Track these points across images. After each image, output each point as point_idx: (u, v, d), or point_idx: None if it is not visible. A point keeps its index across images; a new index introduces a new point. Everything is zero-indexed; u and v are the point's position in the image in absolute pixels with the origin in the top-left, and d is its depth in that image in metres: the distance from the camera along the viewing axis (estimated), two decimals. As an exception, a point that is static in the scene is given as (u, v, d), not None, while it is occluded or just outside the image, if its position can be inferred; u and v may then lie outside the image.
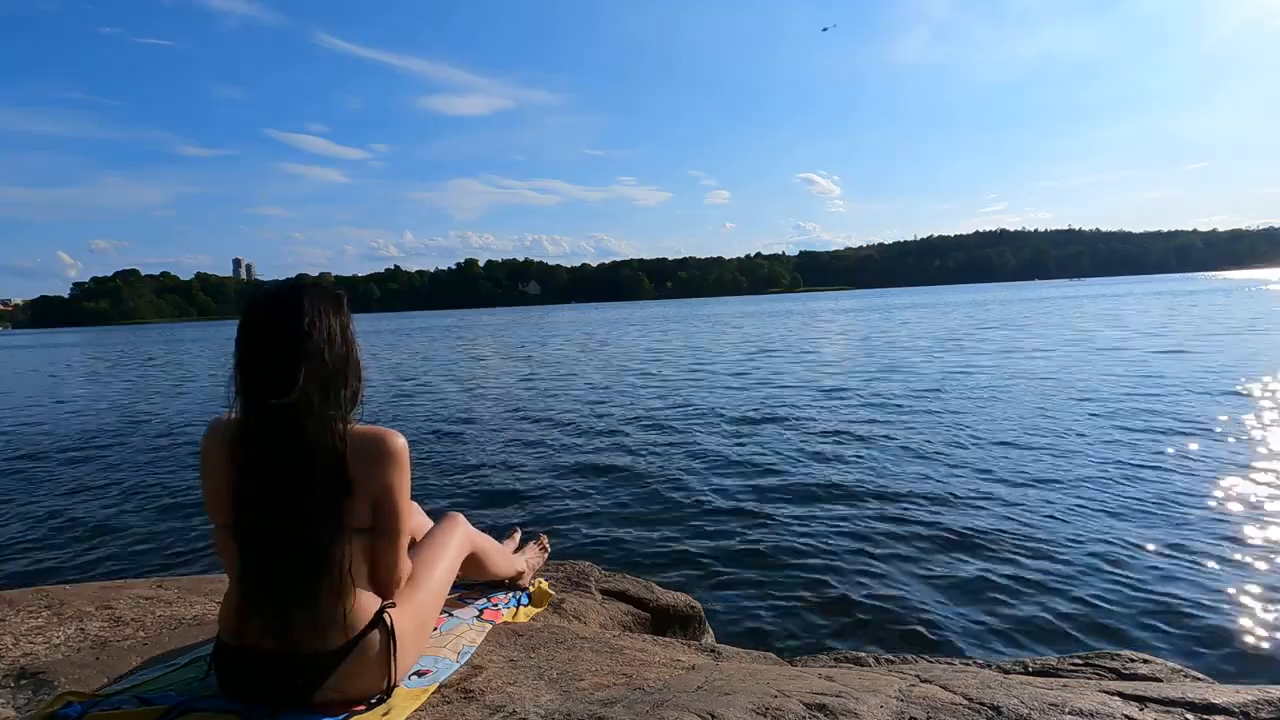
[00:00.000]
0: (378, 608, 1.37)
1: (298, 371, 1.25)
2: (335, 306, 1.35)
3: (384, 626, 1.36)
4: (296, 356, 1.26)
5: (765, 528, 4.88)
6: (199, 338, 54.90)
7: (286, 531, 1.26)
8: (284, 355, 1.27)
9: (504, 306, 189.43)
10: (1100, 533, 4.44)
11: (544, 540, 2.44)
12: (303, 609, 1.28)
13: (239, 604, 1.32)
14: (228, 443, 1.30)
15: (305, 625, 1.28)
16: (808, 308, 61.00)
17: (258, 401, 1.27)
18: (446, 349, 27.16)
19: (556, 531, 4.95)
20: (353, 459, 1.30)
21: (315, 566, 1.27)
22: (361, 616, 1.34)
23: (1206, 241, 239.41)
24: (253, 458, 1.27)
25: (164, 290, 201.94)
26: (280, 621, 1.28)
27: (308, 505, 1.26)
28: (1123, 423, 7.57)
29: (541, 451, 7.64)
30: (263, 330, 1.29)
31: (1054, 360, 13.73)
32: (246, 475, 1.27)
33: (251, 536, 1.28)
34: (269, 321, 1.30)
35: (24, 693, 1.43)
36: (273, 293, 1.34)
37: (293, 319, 1.28)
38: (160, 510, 5.90)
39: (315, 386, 1.27)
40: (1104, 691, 1.47)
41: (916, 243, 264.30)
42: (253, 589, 1.30)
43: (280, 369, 1.26)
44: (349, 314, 1.39)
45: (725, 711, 1.28)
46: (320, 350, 1.29)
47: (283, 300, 1.31)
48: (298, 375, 1.25)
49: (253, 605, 1.29)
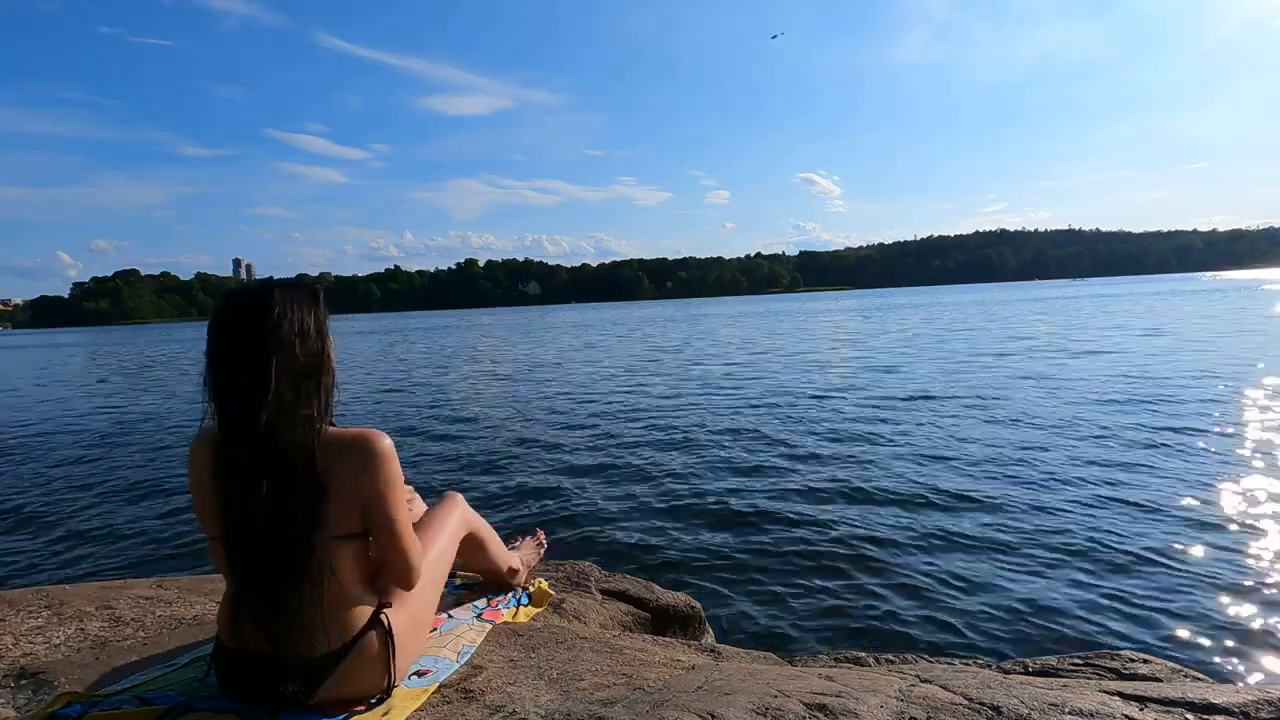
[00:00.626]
0: (374, 610, 1.37)
1: (269, 367, 1.23)
2: (309, 302, 1.32)
3: (381, 628, 1.36)
4: (267, 350, 1.24)
5: (765, 528, 4.87)
6: (199, 338, 54.75)
7: (267, 535, 1.24)
8: (254, 350, 1.24)
9: (504, 306, 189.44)
10: (1100, 533, 4.44)
11: (540, 537, 2.43)
12: (289, 612, 1.26)
13: (233, 606, 1.32)
14: (208, 449, 1.28)
15: (294, 629, 1.27)
16: (807, 307, 61.01)
17: (231, 401, 1.25)
18: (446, 349, 27.15)
19: (556, 532, 4.95)
20: (334, 461, 1.27)
21: (295, 568, 1.25)
22: (356, 620, 1.33)
23: (1206, 241, 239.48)
24: (231, 460, 1.25)
25: (164, 290, 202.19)
26: (271, 624, 1.27)
27: (286, 506, 1.24)
28: (1122, 423, 7.57)
29: (541, 451, 7.63)
30: (232, 326, 1.27)
31: (1054, 361, 13.72)
32: (227, 477, 1.25)
33: (236, 540, 1.27)
34: (238, 317, 1.27)
35: (24, 693, 1.43)
36: (243, 290, 1.31)
37: (262, 313, 1.26)
38: (161, 510, 5.89)
39: (287, 383, 1.25)
40: (1104, 691, 1.47)
41: (916, 243, 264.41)
42: (243, 593, 1.29)
43: (251, 365, 1.23)
44: (325, 311, 1.35)
45: (725, 711, 1.28)
46: (291, 344, 1.26)
47: (252, 296, 1.29)
48: (269, 371, 1.23)
49: (244, 608, 1.29)
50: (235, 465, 1.25)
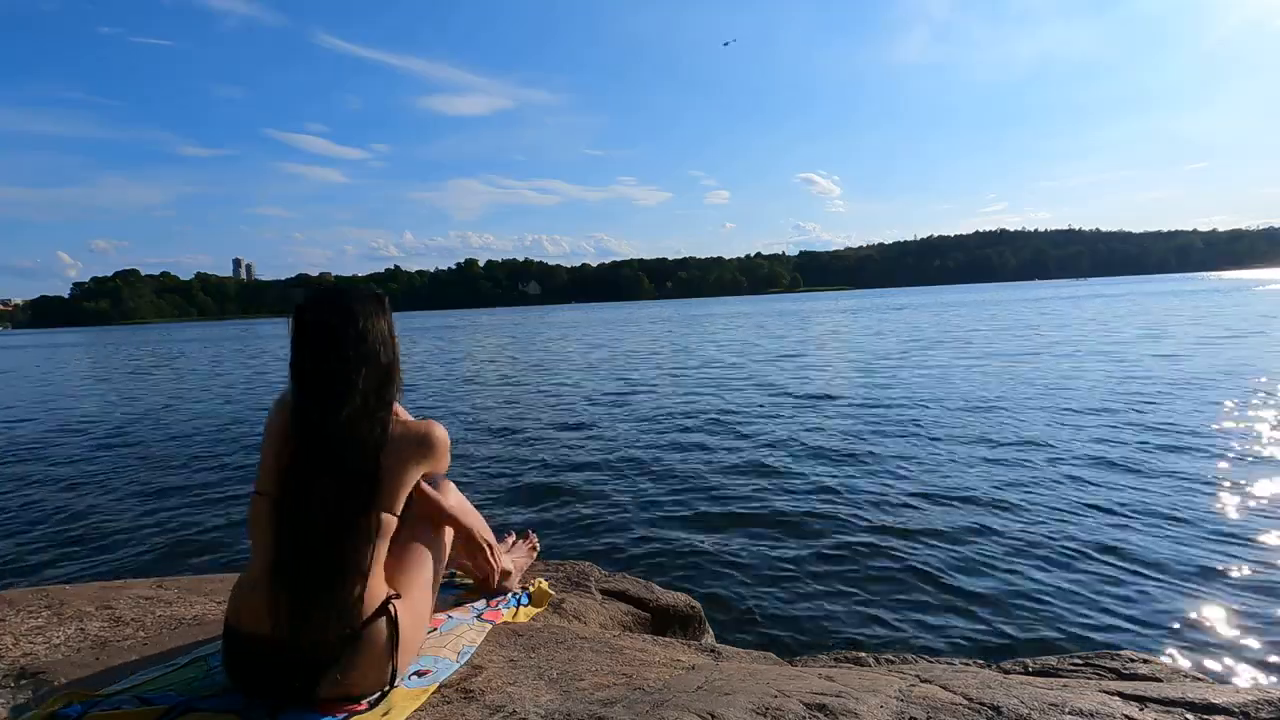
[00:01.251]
0: (385, 597, 1.39)
1: (356, 376, 1.36)
2: (383, 311, 1.46)
3: (389, 616, 1.38)
4: (354, 362, 1.36)
5: (766, 528, 4.88)
6: (199, 338, 54.92)
7: (324, 508, 1.31)
8: (342, 361, 1.36)
9: (504, 306, 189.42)
10: (1100, 533, 4.44)
11: (533, 539, 2.43)
12: (322, 586, 1.31)
13: (255, 585, 1.34)
14: (285, 415, 1.38)
15: (320, 604, 1.31)
16: (806, 307, 61.01)
17: (317, 404, 1.35)
18: (444, 349, 27.15)
19: (556, 532, 4.95)
20: (396, 450, 1.39)
21: (341, 546, 1.32)
22: (367, 608, 1.35)
23: (1206, 241, 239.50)
24: (304, 448, 1.34)
25: (164, 290, 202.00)
26: (295, 598, 1.30)
27: (347, 486, 1.33)
28: (1122, 423, 7.57)
29: (539, 450, 7.63)
30: (321, 338, 1.38)
31: (1057, 361, 13.72)
32: (298, 457, 1.34)
33: (289, 510, 1.33)
34: (327, 331, 1.38)
35: (24, 693, 1.43)
36: (326, 301, 1.41)
37: (351, 327, 1.38)
38: (161, 510, 5.90)
39: (371, 389, 1.38)
40: (1104, 691, 1.47)
41: (916, 243, 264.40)
42: (279, 560, 1.32)
43: (338, 374, 1.35)
44: (390, 313, 1.49)
45: (725, 711, 1.28)
46: (376, 354, 1.40)
47: (338, 310, 1.39)
48: (356, 380, 1.36)
49: (275, 578, 1.31)
50: (308, 451, 1.33)
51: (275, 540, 1.33)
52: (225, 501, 6.08)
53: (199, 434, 9.65)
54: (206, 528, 5.38)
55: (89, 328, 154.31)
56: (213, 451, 8.34)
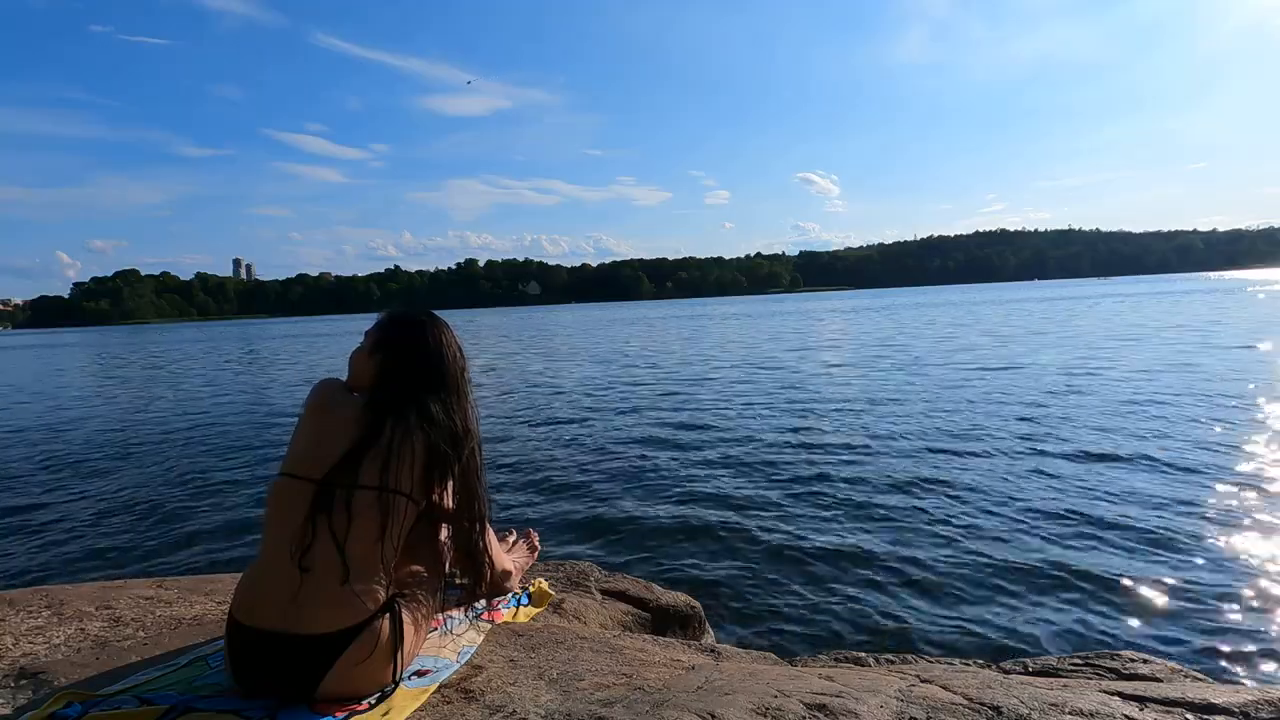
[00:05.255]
0: (391, 595, 1.40)
1: (439, 395, 1.50)
2: (449, 330, 1.62)
3: (394, 614, 1.38)
4: (438, 384, 1.51)
5: (766, 528, 4.87)
6: (200, 338, 54.89)
7: (364, 498, 1.35)
8: (427, 386, 1.50)
9: (504, 306, 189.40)
10: (1100, 533, 4.44)
11: (534, 538, 2.42)
12: (339, 576, 1.32)
13: (264, 572, 1.35)
14: (331, 393, 1.49)
15: (327, 596, 1.31)
16: (807, 308, 60.99)
17: (397, 413, 1.43)
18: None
19: (556, 532, 4.95)
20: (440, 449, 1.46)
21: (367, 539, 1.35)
22: (372, 603, 1.36)
23: (1206, 241, 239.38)
24: (363, 441, 1.39)
25: (164, 290, 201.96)
26: (307, 585, 1.31)
27: (390, 481, 1.38)
28: (1121, 424, 7.57)
29: (539, 450, 7.63)
30: (410, 359, 1.52)
31: (1057, 362, 13.72)
32: (357, 447, 1.38)
33: (327, 494, 1.35)
34: (415, 356, 1.53)
35: (24, 693, 1.43)
36: (412, 324, 1.57)
37: (434, 352, 1.54)
38: (162, 511, 5.89)
39: (446, 402, 1.51)
40: (1104, 691, 1.47)
41: (916, 243, 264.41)
42: (299, 543, 1.33)
43: (422, 399, 1.47)
44: (454, 331, 1.64)
45: (725, 711, 1.28)
46: (455, 374, 1.56)
47: (424, 336, 1.56)
48: (440, 395, 1.50)
49: (292, 560, 1.31)
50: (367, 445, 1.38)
51: (301, 523, 1.34)
52: (226, 501, 6.08)
53: (200, 434, 9.65)
54: (207, 528, 5.38)
55: (89, 328, 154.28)
56: (214, 451, 8.34)
